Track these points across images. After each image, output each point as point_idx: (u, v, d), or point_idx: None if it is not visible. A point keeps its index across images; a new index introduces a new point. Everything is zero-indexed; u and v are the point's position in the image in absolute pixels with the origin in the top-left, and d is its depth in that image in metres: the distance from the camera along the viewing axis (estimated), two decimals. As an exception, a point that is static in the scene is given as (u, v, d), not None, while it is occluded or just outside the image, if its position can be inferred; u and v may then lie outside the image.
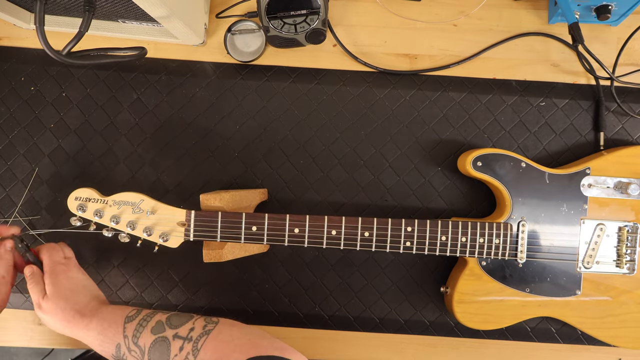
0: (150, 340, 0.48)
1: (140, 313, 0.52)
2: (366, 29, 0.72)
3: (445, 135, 0.71)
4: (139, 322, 0.50)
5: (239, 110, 0.71)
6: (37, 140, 0.71)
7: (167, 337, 0.47)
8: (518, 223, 0.64)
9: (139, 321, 0.50)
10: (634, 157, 0.65)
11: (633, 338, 0.65)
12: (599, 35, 0.72)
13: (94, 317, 0.52)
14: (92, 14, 0.50)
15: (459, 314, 0.64)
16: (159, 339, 0.48)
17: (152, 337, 0.48)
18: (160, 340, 0.47)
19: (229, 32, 0.70)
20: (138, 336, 0.49)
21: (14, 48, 0.72)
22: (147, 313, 0.51)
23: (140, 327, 0.49)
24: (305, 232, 0.61)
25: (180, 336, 0.47)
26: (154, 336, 0.48)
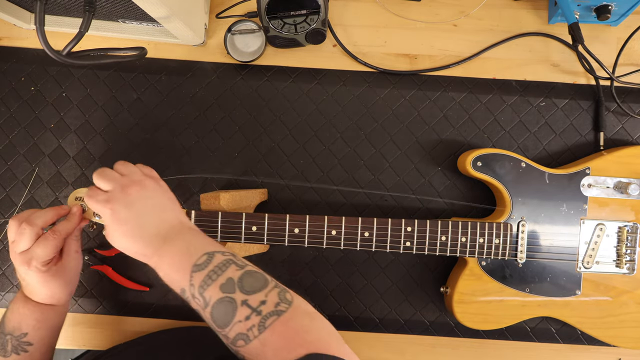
0: (217, 296, 0.45)
1: (210, 262, 0.47)
2: (366, 29, 0.72)
3: (445, 135, 0.71)
4: (208, 274, 0.46)
5: (239, 110, 0.71)
6: (37, 140, 0.71)
7: (235, 300, 0.44)
8: (518, 223, 0.64)
9: (208, 273, 0.46)
10: (634, 157, 0.65)
11: (633, 338, 0.65)
12: (599, 35, 0.72)
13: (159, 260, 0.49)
14: (92, 14, 0.50)
15: (459, 314, 0.64)
16: (226, 299, 0.44)
17: (220, 294, 0.45)
18: (227, 301, 0.44)
19: (229, 32, 0.70)
20: (205, 288, 0.46)
21: (14, 48, 0.72)
22: (218, 264, 0.47)
23: (209, 280, 0.46)
24: (305, 232, 0.61)
25: (249, 305, 0.43)
26: (222, 294, 0.45)
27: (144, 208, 0.50)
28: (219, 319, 0.44)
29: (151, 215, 0.50)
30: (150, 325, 0.70)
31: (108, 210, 0.49)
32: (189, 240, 0.50)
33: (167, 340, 0.66)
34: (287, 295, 0.45)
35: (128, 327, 0.71)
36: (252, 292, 0.45)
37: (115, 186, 0.51)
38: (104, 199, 0.50)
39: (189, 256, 0.48)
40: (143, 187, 0.51)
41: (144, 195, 0.51)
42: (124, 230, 0.49)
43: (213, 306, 0.45)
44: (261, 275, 0.47)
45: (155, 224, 0.50)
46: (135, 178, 0.52)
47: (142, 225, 0.50)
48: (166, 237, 0.50)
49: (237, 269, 0.47)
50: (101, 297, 0.70)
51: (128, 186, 0.51)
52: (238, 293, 0.44)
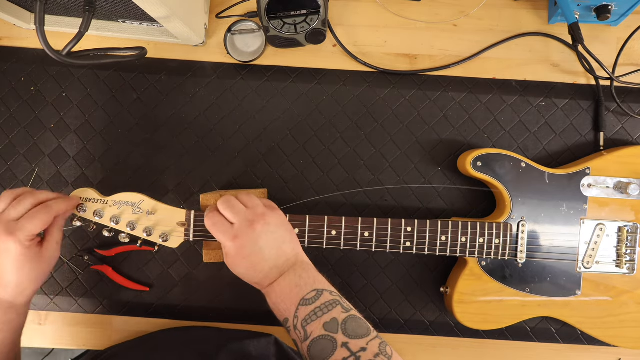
0: (319, 333, 0.46)
1: (318, 299, 0.49)
2: (366, 29, 0.72)
3: (445, 135, 0.71)
4: (314, 310, 0.48)
5: (239, 110, 0.71)
6: (37, 140, 0.71)
7: (336, 340, 0.46)
8: (518, 223, 0.64)
9: (314, 309, 0.48)
10: (634, 157, 0.65)
11: (633, 338, 0.65)
12: (599, 35, 0.72)
13: (271, 289, 0.52)
14: (92, 14, 0.50)
15: (459, 314, 0.64)
16: (327, 337, 0.46)
17: (322, 331, 0.46)
18: (328, 339, 0.46)
19: (229, 32, 0.70)
20: (309, 322, 0.47)
21: (14, 48, 0.72)
22: (325, 302, 0.49)
23: (314, 316, 0.47)
24: (305, 232, 0.61)
25: (349, 348, 0.45)
26: (324, 332, 0.46)
27: (267, 242, 0.53)
28: (316, 354, 0.46)
29: (272, 249, 0.53)
30: (150, 325, 0.70)
31: (234, 246, 0.52)
32: (300, 274, 0.52)
33: (166, 339, 0.66)
34: (387, 348, 0.46)
35: (128, 327, 0.71)
36: (354, 336, 0.46)
37: (241, 220, 0.53)
38: (232, 235, 0.53)
39: (298, 290, 0.50)
40: (267, 223, 0.54)
41: (267, 230, 0.54)
42: (247, 263, 0.52)
43: (313, 341, 0.46)
44: (365, 323, 0.49)
45: (275, 257, 0.53)
46: (259, 212, 0.55)
47: (263, 259, 0.53)
48: (282, 270, 0.53)
49: (342, 311, 0.49)
50: (101, 297, 0.70)
51: (254, 222, 0.53)
52: (340, 334, 0.46)
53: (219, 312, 0.70)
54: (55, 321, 0.70)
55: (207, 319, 0.70)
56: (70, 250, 0.70)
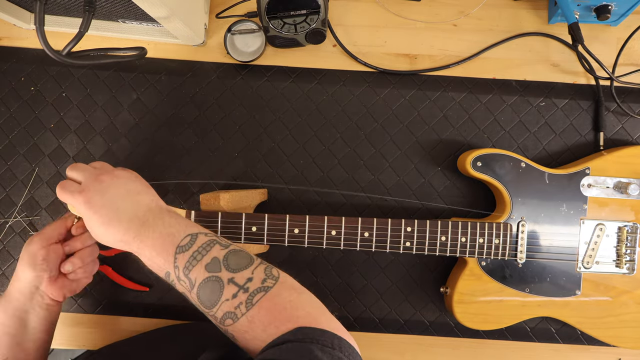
0: (203, 276, 0.44)
1: (194, 243, 0.46)
2: (366, 29, 0.72)
3: (445, 135, 0.71)
4: (193, 254, 0.46)
5: (239, 110, 0.71)
6: (37, 140, 0.71)
7: (221, 278, 0.44)
8: (518, 223, 0.64)
9: (193, 253, 0.46)
10: (634, 157, 0.65)
11: (633, 338, 0.65)
12: (599, 35, 0.72)
13: (142, 244, 0.48)
14: (92, 14, 0.50)
15: (459, 314, 0.64)
16: (212, 278, 0.44)
17: (206, 274, 0.44)
18: (214, 280, 0.44)
19: (229, 32, 0.70)
20: (190, 269, 0.45)
21: (14, 48, 0.72)
22: (202, 244, 0.46)
23: (194, 260, 0.45)
24: (305, 232, 0.61)
25: (236, 282, 0.43)
26: (208, 274, 0.44)
27: (118, 193, 0.50)
28: (205, 300, 0.44)
29: (126, 199, 0.50)
30: (150, 325, 0.70)
31: (82, 199, 0.49)
32: (169, 223, 0.49)
33: (167, 333, 0.67)
34: (273, 271, 0.45)
35: (128, 327, 0.71)
36: (238, 270, 0.44)
37: (88, 176, 0.51)
38: (77, 189, 0.50)
39: (171, 238, 0.47)
40: (115, 175, 0.52)
41: (116, 182, 0.51)
42: (100, 217, 0.49)
43: (199, 287, 0.44)
44: (246, 253, 0.47)
45: (131, 207, 0.50)
46: (107, 168, 0.53)
47: (117, 209, 0.49)
48: (145, 220, 0.49)
49: (221, 248, 0.46)
50: (101, 297, 0.70)
51: (100, 174, 0.51)
52: (224, 272, 0.44)
53: (219, 312, 0.70)
54: (55, 321, 0.70)
55: (206, 319, 0.70)
56: (70, 250, 0.70)
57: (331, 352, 0.38)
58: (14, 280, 0.55)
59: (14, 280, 0.55)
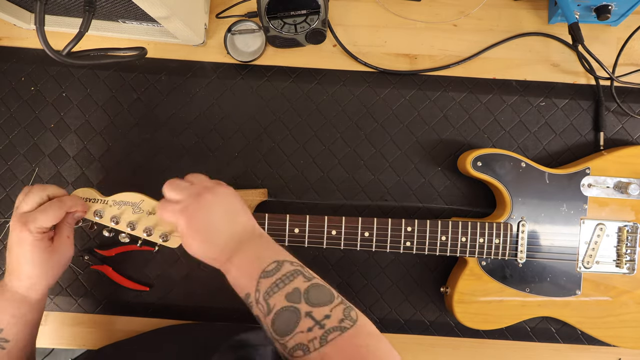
0: (281, 305, 0.45)
1: (278, 270, 0.47)
2: (366, 29, 0.72)
3: (445, 135, 0.71)
4: (275, 281, 0.46)
5: (239, 110, 0.71)
6: (37, 140, 0.71)
7: (299, 310, 0.44)
8: (518, 223, 0.64)
9: (276, 280, 0.46)
10: (634, 157, 0.65)
11: (633, 338, 0.65)
12: (599, 35, 0.72)
13: (230, 264, 0.49)
14: (92, 14, 0.50)
15: (459, 314, 0.64)
16: (290, 307, 0.45)
17: (285, 302, 0.45)
18: (291, 310, 0.44)
19: (229, 32, 0.70)
20: (271, 294, 0.46)
21: (14, 48, 0.72)
22: (286, 273, 0.47)
23: (276, 287, 0.46)
24: (305, 232, 0.61)
25: (313, 317, 0.44)
26: (287, 303, 0.45)
27: (218, 214, 0.51)
28: (280, 327, 0.44)
29: (225, 220, 0.51)
30: (150, 325, 0.70)
31: (184, 220, 0.50)
32: (259, 247, 0.51)
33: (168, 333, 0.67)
34: (352, 313, 0.45)
35: (128, 327, 0.71)
36: (317, 304, 0.45)
37: (187, 195, 0.52)
38: (178, 209, 0.51)
39: (258, 262, 0.48)
40: (215, 194, 0.52)
41: (217, 201, 0.52)
42: (200, 236, 0.50)
43: (276, 313, 0.45)
44: (328, 289, 0.47)
45: (230, 228, 0.51)
46: (206, 184, 0.53)
47: (217, 230, 0.51)
48: (240, 242, 0.51)
49: (304, 281, 0.47)
50: (101, 297, 0.70)
51: (200, 194, 0.51)
52: (303, 304, 0.45)
53: (219, 311, 0.70)
54: (55, 321, 0.70)
55: (207, 318, 0.70)
56: (70, 250, 0.70)
57: None
58: None
59: None
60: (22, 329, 0.55)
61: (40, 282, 0.55)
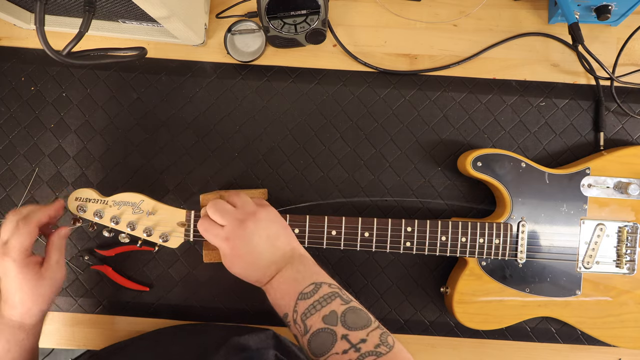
0: (318, 326, 0.46)
1: (316, 292, 0.49)
2: (366, 29, 0.72)
3: (445, 135, 0.71)
4: (313, 303, 0.48)
5: (239, 110, 0.71)
6: (37, 140, 0.71)
7: (335, 332, 0.46)
8: (518, 223, 0.64)
9: (313, 303, 0.48)
10: (634, 157, 0.65)
11: (633, 338, 0.65)
12: (599, 35, 0.72)
13: (270, 286, 0.52)
14: (92, 14, 0.50)
15: (459, 314, 0.64)
16: (326, 330, 0.46)
17: (322, 324, 0.46)
18: (328, 332, 0.46)
19: (229, 32, 0.70)
20: (308, 316, 0.47)
21: (14, 48, 0.72)
22: (324, 295, 0.49)
23: (313, 309, 0.48)
24: (305, 232, 0.61)
25: (349, 340, 0.45)
26: (324, 325, 0.46)
27: (260, 240, 0.53)
28: (316, 348, 0.46)
29: (266, 245, 0.53)
30: (150, 325, 0.70)
31: (228, 247, 0.53)
32: (297, 269, 0.52)
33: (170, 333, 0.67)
34: (389, 338, 0.46)
35: (128, 327, 0.71)
36: (353, 328, 0.46)
37: (231, 221, 0.54)
38: (224, 237, 0.53)
39: (296, 284, 0.50)
40: (258, 220, 0.54)
41: (259, 227, 0.54)
42: (243, 262, 0.53)
43: (312, 334, 0.46)
44: (365, 314, 0.48)
45: (271, 253, 0.53)
46: (249, 210, 0.55)
47: (259, 256, 0.53)
48: (280, 266, 0.53)
49: (342, 304, 0.48)
50: (101, 297, 0.70)
51: (244, 221, 0.53)
52: (339, 327, 0.46)
53: (219, 311, 0.70)
54: (55, 321, 0.70)
55: (207, 318, 0.70)
56: (70, 250, 0.70)
57: None
58: None
59: None
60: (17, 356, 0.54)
61: (34, 308, 0.54)
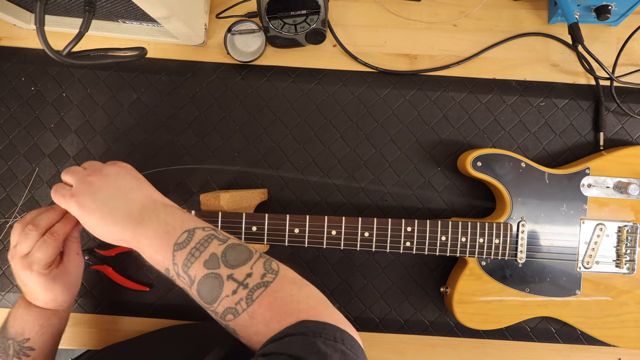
0: (202, 273, 0.44)
1: (191, 239, 0.46)
2: (366, 29, 0.72)
3: (445, 135, 0.71)
4: (191, 251, 0.46)
5: (239, 110, 0.71)
6: (37, 140, 0.71)
7: (220, 275, 0.44)
8: (518, 223, 0.64)
9: (191, 250, 0.46)
10: (634, 157, 0.66)
11: (633, 338, 0.65)
12: (599, 35, 0.72)
13: (141, 244, 0.48)
14: (92, 14, 0.50)
15: (459, 314, 0.64)
16: (211, 275, 0.44)
17: (205, 270, 0.44)
18: (213, 277, 0.44)
19: (229, 32, 0.70)
20: (189, 265, 0.45)
21: (14, 48, 0.72)
22: (200, 240, 0.46)
23: (192, 257, 0.45)
24: (305, 232, 0.61)
25: (235, 279, 0.43)
26: (207, 270, 0.44)
27: (108, 193, 0.50)
28: (205, 296, 0.44)
29: (117, 198, 0.50)
30: (150, 325, 0.70)
31: (74, 204, 0.49)
32: (164, 220, 0.49)
33: (170, 335, 0.67)
34: (272, 264, 0.45)
35: (128, 327, 0.71)
36: (237, 265, 0.44)
37: (78, 179, 0.51)
38: (68, 194, 0.50)
39: (168, 235, 0.47)
40: (104, 174, 0.51)
41: (106, 181, 0.51)
42: (95, 219, 0.49)
43: (199, 283, 0.44)
44: (245, 247, 0.47)
45: (125, 205, 0.49)
46: (96, 167, 0.52)
47: (111, 210, 0.49)
48: (140, 219, 0.49)
49: (219, 244, 0.46)
50: (101, 297, 0.70)
51: (88, 176, 0.51)
52: (223, 268, 0.44)
53: (219, 312, 0.70)
54: (55, 321, 0.70)
55: (207, 318, 0.70)
56: (70, 250, 0.70)
57: (334, 345, 0.38)
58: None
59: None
60: (49, 339, 0.57)
61: (65, 300, 0.57)
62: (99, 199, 0.49)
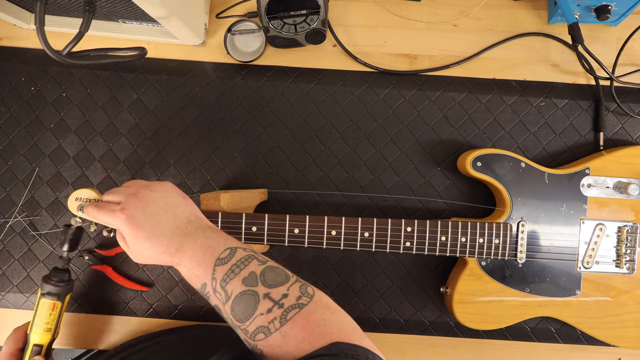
0: (239, 290, 0.45)
1: (232, 257, 0.48)
2: (366, 29, 0.72)
3: (445, 135, 0.71)
4: (231, 267, 0.47)
5: (239, 110, 0.71)
6: (37, 140, 0.71)
7: (257, 292, 0.45)
8: (518, 223, 0.64)
9: (231, 267, 0.47)
10: (634, 157, 0.66)
11: (633, 338, 0.65)
12: (599, 35, 0.72)
13: (182, 255, 0.49)
14: (92, 14, 0.50)
15: (459, 314, 0.64)
16: (248, 292, 0.45)
17: (242, 287, 0.46)
18: (250, 294, 0.45)
19: (229, 32, 0.70)
20: (228, 281, 0.46)
21: (14, 48, 0.72)
22: (240, 259, 0.48)
23: (232, 274, 0.47)
24: (305, 232, 0.61)
25: (271, 298, 0.44)
26: (244, 287, 0.45)
27: (158, 207, 0.51)
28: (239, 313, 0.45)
29: (167, 212, 0.51)
30: (150, 325, 0.70)
31: (123, 217, 0.50)
32: (209, 235, 0.50)
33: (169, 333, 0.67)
34: (308, 289, 0.46)
35: (128, 327, 0.71)
36: (274, 285, 0.45)
37: (125, 195, 0.52)
38: (118, 208, 0.51)
39: (211, 250, 0.49)
40: (152, 190, 0.52)
41: (155, 196, 0.52)
42: (144, 232, 0.50)
43: (234, 300, 0.45)
44: (282, 270, 0.48)
45: (173, 220, 0.51)
46: (142, 184, 0.53)
47: (160, 223, 0.50)
48: (187, 232, 0.50)
49: (259, 264, 0.48)
50: (101, 297, 0.70)
51: (138, 192, 0.52)
52: (260, 286, 0.45)
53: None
54: (55, 321, 0.70)
55: (207, 319, 0.70)
56: (70, 250, 0.70)
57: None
58: None
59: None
60: None
61: None
62: (148, 212, 0.50)
